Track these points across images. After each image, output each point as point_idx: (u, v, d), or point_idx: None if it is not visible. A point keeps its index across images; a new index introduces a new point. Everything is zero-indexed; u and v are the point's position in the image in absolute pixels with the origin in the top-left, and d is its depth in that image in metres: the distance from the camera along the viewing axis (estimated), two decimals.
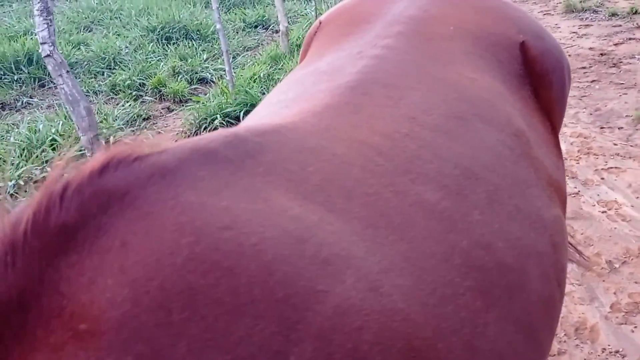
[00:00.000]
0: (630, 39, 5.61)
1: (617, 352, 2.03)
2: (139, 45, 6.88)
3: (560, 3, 7.23)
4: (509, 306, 0.67)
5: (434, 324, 0.56)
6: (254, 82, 5.13)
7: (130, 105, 5.16)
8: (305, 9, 8.46)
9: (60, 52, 3.41)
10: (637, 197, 2.94)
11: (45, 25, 2.73)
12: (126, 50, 6.64)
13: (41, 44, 2.81)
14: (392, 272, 0.55)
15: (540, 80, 1.05)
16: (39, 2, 2.66)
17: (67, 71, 2.99)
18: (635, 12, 6.38)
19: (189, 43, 6.91)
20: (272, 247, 0.47)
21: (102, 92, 5.65)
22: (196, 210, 0.46)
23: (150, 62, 6.19)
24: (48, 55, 2.81)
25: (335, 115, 0.75)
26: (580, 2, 7.08)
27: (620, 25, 6.10)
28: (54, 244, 0.41)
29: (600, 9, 6.80)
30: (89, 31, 7.99)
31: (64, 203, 0.43)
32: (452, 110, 0.84)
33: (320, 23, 1.25)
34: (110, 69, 6.19)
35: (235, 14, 8.38)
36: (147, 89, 5.53)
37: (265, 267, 0.45)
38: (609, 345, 2.06)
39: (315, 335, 0.45)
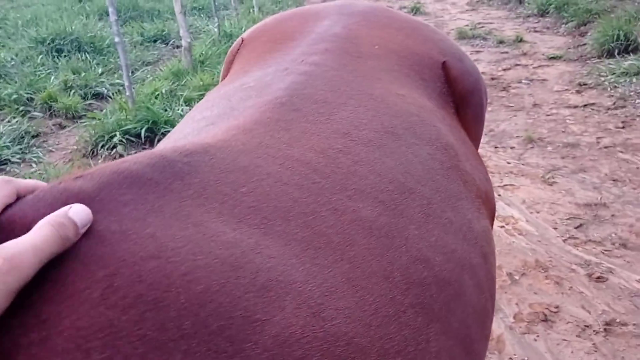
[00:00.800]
0: (517, 64, 6.07)
1: None
2: (27, 57, 6.43)
3: (453, 30, 7.70)
4: (448, 320, 0.66)
5: (379, 346, 0.54)
6: (156, 98, 4.94)
7: (17, 121, 4.76)
8: (208, 25, 8.37)
9: None
10: (531, 212, 3.14)
11: None
12: (12, 63, 6.18)
13: None
14: (334, 294, 0.53)
15: (461, 99, 1.08)
16: None
17: None
18: (520, 40, 6.95)
19: (82, 56, 6.54)
20: (204, 276, 0.43)
21: None
22: (117, 239, 0.42)
23: (39, 76, 5.77)
24: None
25: (266, 132, 0.71)
26: (471, 29, 7.60)
27: (507, 52, 6.59)
28: None
29: (489, 36, 7.32)
30: None
31: None
32: (383, 125, 0.83)
33: (242, 40, 1.22)
34: None
35: (133, 27, 8.10)
36: (35, 104, 5.13)
37: (196, 298, 0.41)
38: (514, 355, 2.16)
39: None
